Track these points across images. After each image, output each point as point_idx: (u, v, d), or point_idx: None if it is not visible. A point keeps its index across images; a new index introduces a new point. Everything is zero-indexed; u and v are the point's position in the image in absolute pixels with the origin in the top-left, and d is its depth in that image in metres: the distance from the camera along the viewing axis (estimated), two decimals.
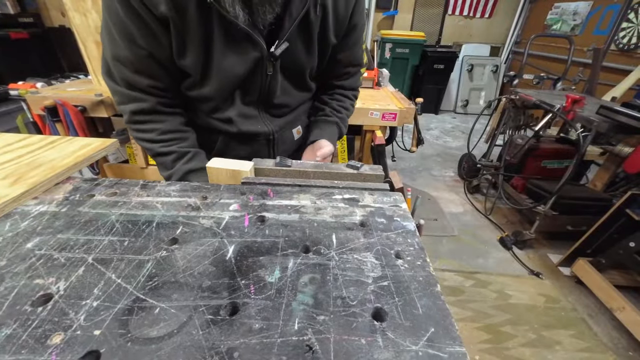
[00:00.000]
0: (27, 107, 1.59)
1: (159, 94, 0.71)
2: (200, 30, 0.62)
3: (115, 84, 0.69)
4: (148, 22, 0.59)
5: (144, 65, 0.65)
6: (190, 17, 0.60)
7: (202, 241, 0.42)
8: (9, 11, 3.51)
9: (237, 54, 0.67)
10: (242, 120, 0.79)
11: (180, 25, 0.61)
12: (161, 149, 0.73)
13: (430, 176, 3.18)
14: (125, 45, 0.62)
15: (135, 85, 0.68)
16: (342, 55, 0.84)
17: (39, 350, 0.28)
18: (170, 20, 0.60)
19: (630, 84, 2.77)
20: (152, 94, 0.70)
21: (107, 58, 0.67)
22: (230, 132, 0.80)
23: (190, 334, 0.30)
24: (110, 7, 0.59)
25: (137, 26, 0.60)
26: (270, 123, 0.84)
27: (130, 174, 1.91)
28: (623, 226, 1.67)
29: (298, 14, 0.66)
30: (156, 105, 0.71)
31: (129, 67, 0.65)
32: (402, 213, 0.50)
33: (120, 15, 0.58)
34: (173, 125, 0.75)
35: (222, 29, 0.63)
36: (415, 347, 0.29)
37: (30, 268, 0.36)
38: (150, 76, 0.67)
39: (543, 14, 4.64)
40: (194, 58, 0.66)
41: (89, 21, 1.48)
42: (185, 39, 0.63)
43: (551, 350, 1.50)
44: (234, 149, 0.85)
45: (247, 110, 0.79)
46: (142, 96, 0.69)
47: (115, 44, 0.63)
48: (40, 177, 0.52)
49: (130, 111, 0.70)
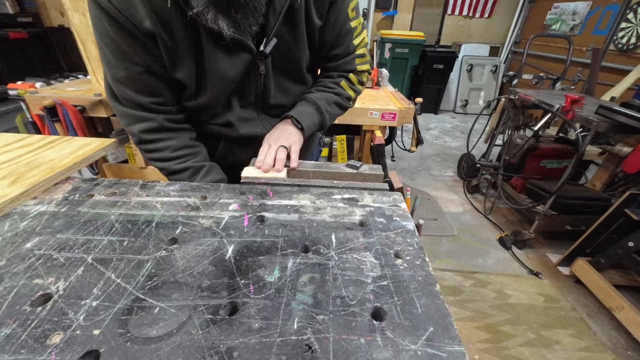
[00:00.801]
0: (26, 107, 1.59)
1: (164, 110, 0.70)
2: (188, 41, 0.62)
3: (120, 105, 0.68)
4: (138, 36, 0.59)
5: (143, 82, 0.65)
6: (176, 30, 0.60)
7: (201, 241, 0.42)
8: (7, 11, 3.50)
9: (227, 59, 0.67)
10: (241, 124, 0.79)
11: (167, 39, 0.60)
12: (176, 166, 0.72)
13: (429, 176, 3.18)
14: (120, 65, 0.62)
15: (139, 104, 0.67)
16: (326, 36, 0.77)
17: (39, 350, 0.28)
18: (156, 36, 0.59)
19: (629, 84, 2.77)
20: (158, 112, 0.70)
21: (109, 80, 0.66)
22: (231, 136, 0.80)
23: (189, 333, 0.30)
24: (100, 29, 0.59)
25: (127, 43, 0.59)
26: (270, 124, 0.83)
27: (129, 174, 1.90)
28: (622, 226, 1.67)
29: (282, 7, 0.65)
30: (164, 122, 0.70)
31: (129, 86, 0.65)
32: (401, 213, 0.50)
33: (110, 34, 0.58)
34: (184, 141, 0.74)
35: (209, 36, 0.63)
36: (414, 347, 0.30)
37: (30, 268, 0.36)
38: (151, 93, 0.67)
39: (542, 14, 4.65)
40: (187, 70, 0.66)
41: (88, 21, 1.47)
42: (174, 52, 0.63)
43: (550, 350, 1.50)
44: (235, 153, 0.85)
45: (246, 113, 0.79)
46: (148, 115, 0.68)
47: (111, 65, 0.63)
48: (40, 177, 0.52)
49: (139, 131, 0.69)
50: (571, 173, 1.86)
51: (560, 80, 2.77)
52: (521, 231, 2.17)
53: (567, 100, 1.90)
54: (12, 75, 2.45)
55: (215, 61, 0.66)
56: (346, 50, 0.82)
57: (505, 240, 2.20)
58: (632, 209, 1.60)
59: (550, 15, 4.51)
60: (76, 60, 3.18)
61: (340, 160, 1.93)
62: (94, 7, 0.57)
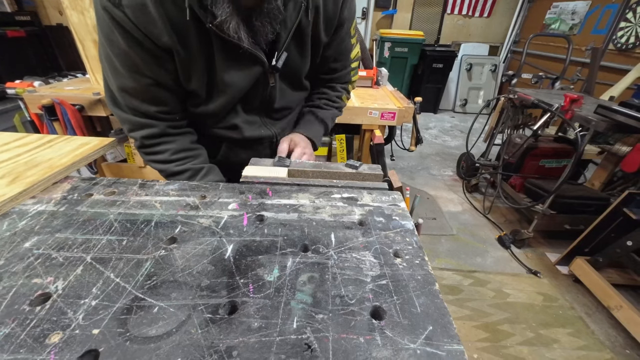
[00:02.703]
0: (24, 106, 1.59)
1: (168, 117, 0.71)
2: (203, 54, 0.63)
3: (123, 112, 0.68)
4: (152, 51, 0.59)
5: (150, 93, 0.65)
6: (192, 44, 0.60)
7: (200, 240, 0.42)
8: (5, 9, 3.48)
9: (239, 71, 0.68)
10: (246, 127, 0.80)
11: (184, 54, 0.61)
12: (175, 168, 0.73)
13: (429, 175, 3.18)
14: (129, 76, 0.62)
15: (144, 113, 0.68)
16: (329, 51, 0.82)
17: (38, 350, 0.28)
18: (173, 51, 0.59)
19: (628, 84, 2.77)
20: (161, 119, 0.70)
21: (113, 89, 0.66)
22: (235, 138, 0.81)
23: (189, 332, 0.30)
24: (111, 39, 0.58)
25: (141, 57, 0.59)
26: (273, 127, 0.85)
27: (128, 173, 1.90)
28: (620, 225, 1.68)
29: (292, 23, 0.66)
30: (166, 128, 0.71)
31: (136, 96, 0.65)
32: (400, 212, 0.50)
33: (122, 47, 0.57)
34: (184, 144, 0.75)
35: (222, 49, 0.63)
36: (413, 345, 0.30)
37: (29, 267, 0.36)
38: (157, 103, 0.67)
39: (542, 13, 4.65)
40: (199, 81, 0.66)
41: (86, 19, 1.47)
42: (189, 64, 0.63)
43: (549, 349, 1.51)
44: (238, 155, 0.86)
45: (250, 117, 0.81)
46: (151, 122, 0.69)
47: (119, 74, 0.62)
48: (38, 176, 0.51)
49: (141, 137, 0.70)
50: (570, 172, 1.87)
51: (560, 80, 2.77)
52: (520, 230, 2.17)
53: (566, 100, 1.90)
54: (11, 74, 2.44)
55: (227, 72, 0.67)
56: (344, 64, 0.90)
57: (504, 240, 2.20)
58: (630, 208, 1.61)
59: (549, 14, 4.51)
60: (75, 59, 3.16)
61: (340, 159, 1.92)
62: (106, 18, 0.55)
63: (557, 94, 2.41)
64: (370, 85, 2.11)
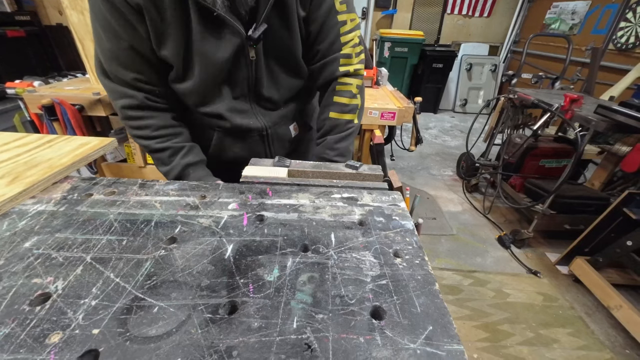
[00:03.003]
0: (24, 105, 1.59)
1: (145, 88, 0.72)
2: (177, 19, 0.63)
3: (108, 80, 0.71)
4: (125, 13, 0.61)
5: (127, 58, 0.67)
6: (166, 5, 0.61)
7: (200, 240, 0.42)
8: (5, 9, 3.48)
9: (216, 41, 0.67)
10: (234, 115, 0.79)
11: (155, 14, 0.62)
12: (157, 145, 0.75)
13: (428, 175, 3.18)
14: (108, 39, 0.65)
15: (123, 80, 0.69)
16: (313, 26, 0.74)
17: (38, 350, 0.28)
18: (144, 10, 0.61)
19: (628, 84, 2.77)
20: (139, 89, 0.71)
21: (98, 54, 0.69)
22: (224, 127, 0.80)
23: (189, 332, 0.30)
24: (95, 6, 0.62)
25: (116, 19, 0.62)
26: (263, 117, 0.83)
27: (128, 173, 1.90)
28: (620, 225, 1.68)
29: None
30: (144, 100, 0.72)
31: (114, 60, 0.67)
32: (400, 212, 0.50)
33: (103, 11, 0.61)
34: (165, 121, 0.76)
35: (200, 16, 0.64)
36: (413, 345, 0.30)
37: (28, 267, 0.36)
38: (134, 69, 0.69)
39: (542, 13, 4.65)
40: (174, 48, 0.66)
41: (86, 19, 1.47)
42: (161, 28, 0.64)
43: (549, 349, 1.51)
44: (230, 147, 0.85)
45: (238, 104, 0.79)
46: (129, 92, 0.71)
47: (100, 39, 0.66)
48: (38, 176, 0.51)
49: (121, 106, 0.72)
50: (570, 172, 1.87)
51: (560, 80, 2.77)
52: (520, 230, 2.17)
53: (566, 100, 1.90)
54: (10, 74, 2.43)
55: (202, 42, 0.66)
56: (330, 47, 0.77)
57: (504, 240, 2.20)
58: (630, 208, 1.61)
59: (549, 14, 4.51)
60: (74, 58, 3.16)
61: None
62: None
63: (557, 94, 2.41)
64: (370, 85, 2.12)
